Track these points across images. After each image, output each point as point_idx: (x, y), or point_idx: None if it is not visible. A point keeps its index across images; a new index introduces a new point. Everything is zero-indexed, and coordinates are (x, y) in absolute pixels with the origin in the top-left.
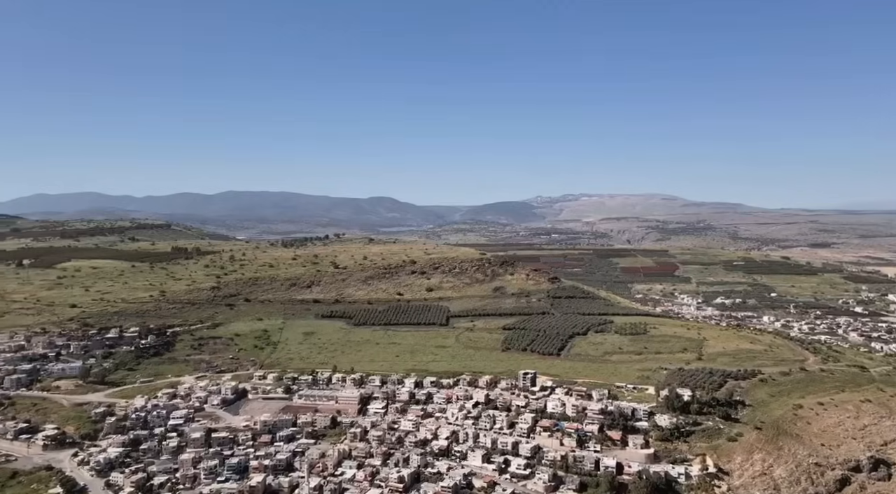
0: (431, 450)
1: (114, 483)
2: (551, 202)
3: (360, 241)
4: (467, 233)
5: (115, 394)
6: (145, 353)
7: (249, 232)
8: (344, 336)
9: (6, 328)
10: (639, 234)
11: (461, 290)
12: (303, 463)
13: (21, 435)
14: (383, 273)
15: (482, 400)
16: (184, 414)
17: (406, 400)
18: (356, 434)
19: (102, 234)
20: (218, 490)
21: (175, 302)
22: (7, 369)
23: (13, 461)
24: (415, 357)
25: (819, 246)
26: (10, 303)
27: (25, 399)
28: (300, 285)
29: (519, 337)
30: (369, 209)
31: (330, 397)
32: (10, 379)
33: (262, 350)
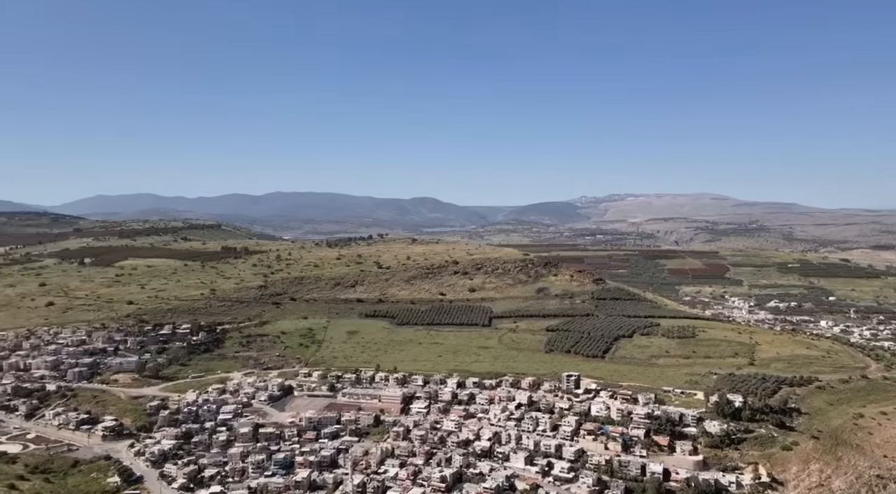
0: (474, 451)
1: (167, 474)
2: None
3: (403, 241)
4: (510, 234)
5: (168, 388)
6: (196, 349)
7: (295, 232)
8: (387, 335)
9: (70, 323)
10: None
11: (504, 291)
12: (346, 460)
13: (82, 426)
14: (426, 273)
15: (525, 402)
16: (232, 409)
17: (448, 401)
18: (399, 432)
19: (157, 234)
20: (265, 484)
21: (224, 300)
22: (70, 362)
23: (75, 450)
24: (457, 357)
25: (882, 247)
26: (73, 300)
27: (86, 391)
28: (344, 284)
29: (562, 339)
30: (412, 209)
31: (373, 396)
32: (73, 371)
33: (307, 348)
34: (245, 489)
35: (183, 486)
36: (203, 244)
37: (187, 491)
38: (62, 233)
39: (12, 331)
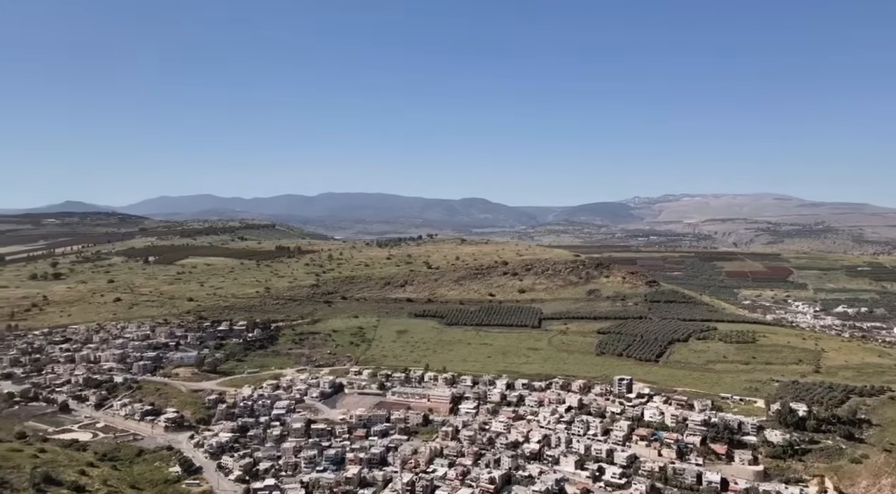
0: (522, 453)
1: (224, 466)
2: (650, 203)
3: (453, 242)
4: (561, 235)
5: (225, 383)
6: (252, 346)
7: (347, 232)
8: (436, 335)
9: (135, 318)
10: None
11: (554, 292)
12: (396, 459)
13: (146, 417)
14: (475, 273)
15: (575, 405)
16: (286, 405)
17: (497, 401)
18: (448, 432)
19: (215, 234)
20: (317, 479)
21: (278, 298)
22: (135, 356)
23: (140, 440)
24: (506, 358)
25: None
26: (139, 296)
27: (150, 383)
28: (394, 284)
29: (614, 342)
30: (461, 210)
31: (422, 395)
32: (138, 365)
33: (357, 346)
34: (298, 483)
35: (239, 478)
36: (258, 243)
37: (243, 483)
38: (129, 232)
39: (83, 325)
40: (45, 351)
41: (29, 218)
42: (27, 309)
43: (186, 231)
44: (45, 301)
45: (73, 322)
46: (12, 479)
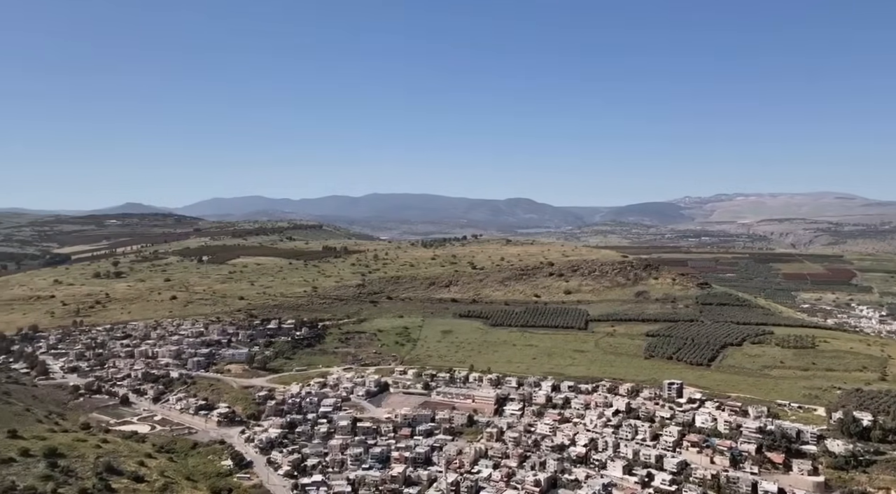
0: (569, 456)
1: (274, 461)
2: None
3: (498, 242)
4: (608, 235)
5: (274, 380)
6: (300, 344)
7: (392, 232)
8: (481, 336)
9: (190, 316)
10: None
11: (601, 294)
12: (440, 458)
13: (200, 411)
14: (520, 274)
15: (623, 409)
16: (332, 403)
17: (543, 403)
18: (492, 434)
19: (265, 234)
20: (363, 476)
21: (325, 298)
22: (190, 352)
23: (194, 433)
24: (552, 360)
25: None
26: (193, 294)
27: (204, 379)
28: (439, 284)
29: (663, 345)
30: (507, 210)
31: (467, 395)
32: (193, 360)
33: (402, 346)
34: (344, 480)
35: (288, 473)
36: (306, 243)
37: (291, 479)
38: (184, 232)
39: (142, 322)
40: (108, 347)
41: (93, 219)
42: (91, 306)
43: (238, 231)
44: (107, 298)
45: (132, 318)
46: (77, 468)
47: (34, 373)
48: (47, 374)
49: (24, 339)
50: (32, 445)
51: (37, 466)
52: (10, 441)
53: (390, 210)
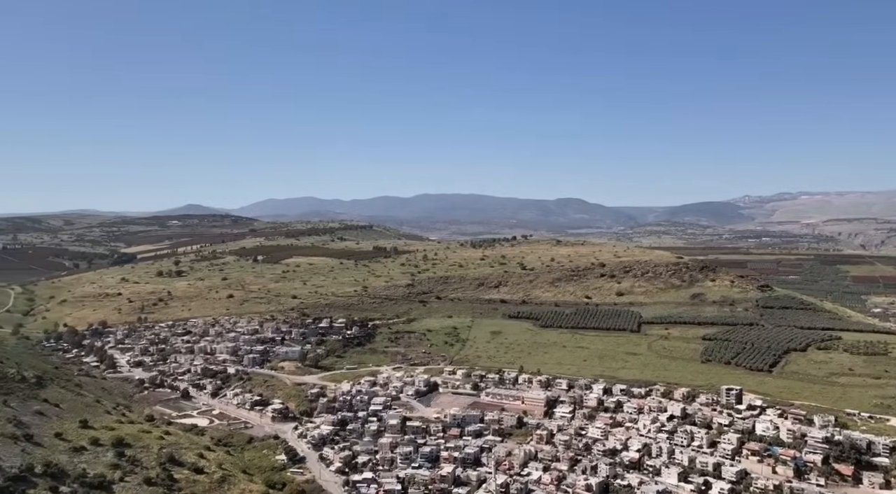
0: (621, 461)
1: (325, 457)
2: (761, 202)
3: (547, 243)
4: (662, 236)
5: (326, 378)
6: (350, 343)
7: (441, 232)
8: (530, 337)
9: (246, 313)
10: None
11: (654, 296)
12: (490, 459)
13: (255, 407)
14: (571, 275)
15: (678, 414)
16: (382, 402)
17: (594, 407)
18: (542, 436)
19: (317, 234)
20: (412, 475)
21: (375, 297)
22: (246, 349)
23: (250, 428)
24: (603, 362)
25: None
26: (248, 293)
27: (259, 375)
28: (488, 285)
29: (721, 349)
30: (557, 210)
31: (516, 397)
32: (248, 357)
33: (451, 346)
34: (394, 478)
35: (339, 469)
36: (356, 244)
37: (343, 475)
38: (240, 232)
39: (201, 319)
40: (170, 342)
41: (156, 220)
42: (154, 304)
43: (291, 231)
44: (169, 296)
45: (192, 316)
46: (142, 458)
47: (103, 367)
48: (115, 368)
49: (94, 334)
50: (102, 435)
51: (105, 455)
52: (82, 431)
53: (439, 210)
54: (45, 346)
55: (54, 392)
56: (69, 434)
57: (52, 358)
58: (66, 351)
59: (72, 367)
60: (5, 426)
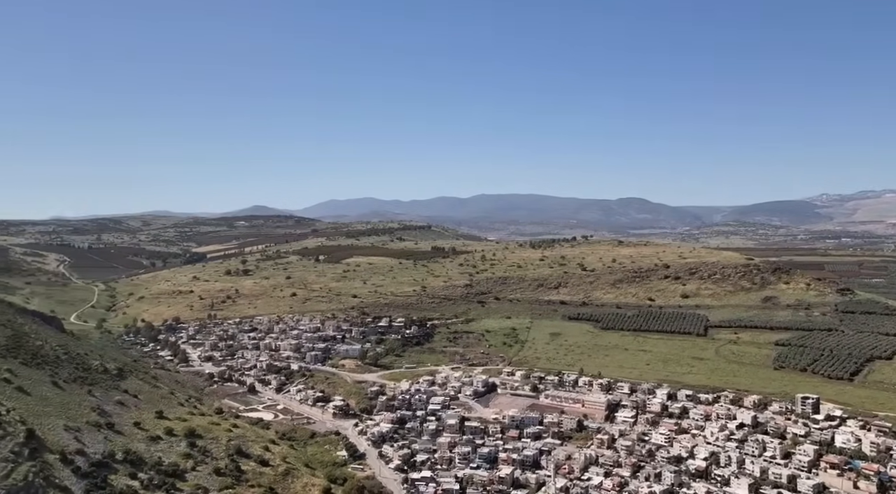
0: (687, 469)
1: (385, 455)
2: (841, 200)
3: (609, 243)
4: (730, 236)
5: (385, 376)
6: (409, 342)
7: (499, 233)
8: (591, 339)
9: (308, 312)
10: None
11: (722, 298)
12: (549, 462)
13: (317, 403)
14: (633, 276)
15: (748, 422)
16: (441, 401)
17: (657, 412)
18: (603, 440)
19: (376, 234)
20: (470, 475)
21: (434, 297)
22: (308, 346)
23: (312, 423)
24: (667, 367)
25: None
26: (311, 291)
27: (320, 372)
28: (547, 286)
29: (796, 355)
30: (619, 210)
31: (576, 400)
32: (311, 355)
33: (510, 347)
34: (452, 477)
35: (398, 467)
36: (415, 244)
37: (402, 473)
38: (303, 233)
39: (266, 316)
40: (237, 339)
41: (224, 220)
42: (223, 301)
43: (351, 232)
44: (236, 294)
45: (258, 313)
46: (212, 449)
47: (176, 361)
48: (187, 362)
49: (168, 329)
50: (175, 425)
51: (179, 445)
52: (158, 421)
53: (498, 210)
54: (125, 340)
55: (133, 383)
56: (146, 423)
57: (131, 351)
58: (143, 345)
59: (148, 360)
60: (90, 414)
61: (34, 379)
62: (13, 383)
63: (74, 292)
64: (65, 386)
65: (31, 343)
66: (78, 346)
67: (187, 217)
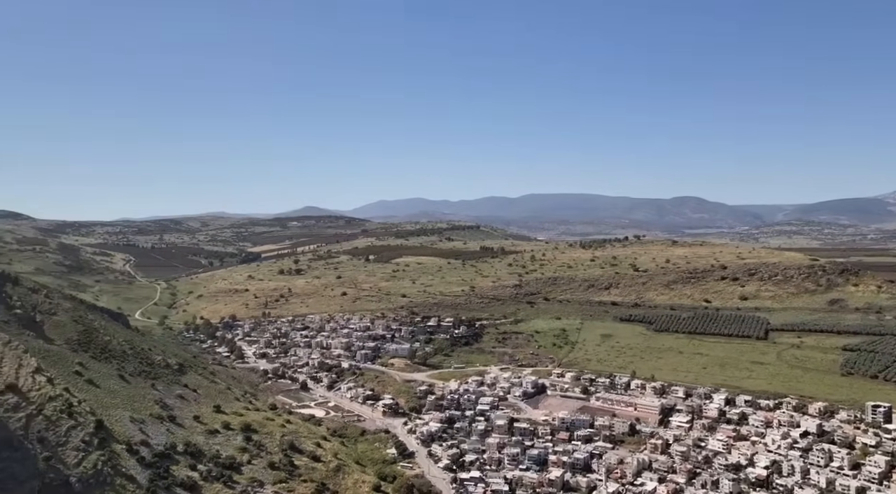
0: (746, 478)
1: (434, 454)
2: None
3: (662, 243)
4: (793, 236)
5: (433, 376)
6: (458, 342)
7: (549, 233)
8: (643, 341)
9: (358, 311)
10: None
11: (784, 301)
12: (600, 466)
13: (367, 401)
14: (688, 277)
15: (813, 431)
16: (489, 401)
17: (714, 418)
18: (657, 445)
19: (425, 234)
20: (520, 477)
21: (482, 298)
22: (358, 345)
23: (362, 421)
24: (724, 371)
25: None
26: (360, 291)
27: (370, 371)
28: (598, 286)
29: (866, 361)
30: (673, 210)
31: (628, 403)
32: (361, 353)
33: (559, 348)
34: (501, 478)
35: (447, 467)
36: (464, 244)
37: (450, 472)
38: (353, 233)
39: (318, 315)
40: (290, 336)
41: (278, 221)
42: (276, 300)
43: (400, 232)
44: (289, 292)
45: (310, 312)
46: (267, 443)
47: (233, 357)
48: (243, 358)
49: (225, 327)
50: (232, 419)
51: (235, 438)
52: (216, 415)
53: (547, 210)
54: (185, 336)
55: (193, 378)
56: (205, 417)
57: (190, 347)
58: (202, 342)
59: (207, 356)
60: (153, 407)
61: (103, 372)
62: (84, 376)
63: (139, 290)
64: (130, 380)
65: (100, 338)
66: (142, 342)
67: (243, 218)
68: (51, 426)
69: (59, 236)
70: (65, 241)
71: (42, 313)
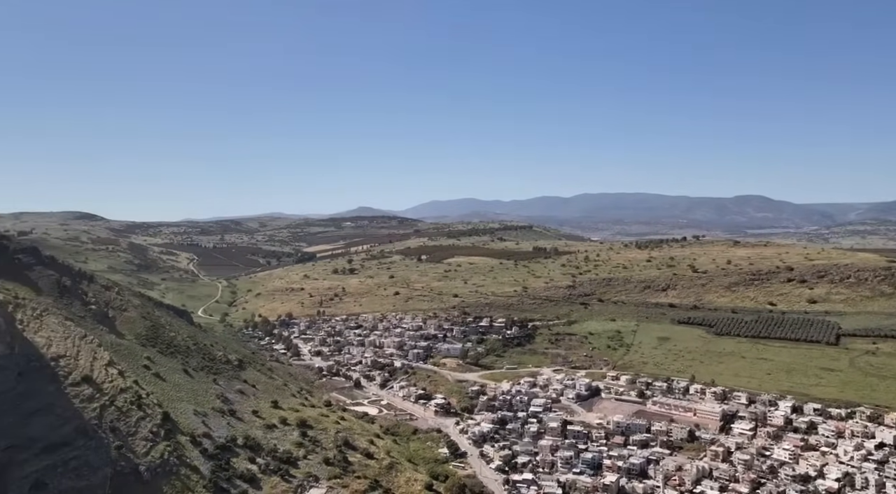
0: (815, 490)
1: (486, 454)
2: None
3: (723, 243)
4: (867, 236)
5: (485, 376)
6: (510, 343)
7: (603, 233)
8: (703, 344)
9: (410, 310)
10: None
11: (857, 304)
12: (657, 472)
13: (419, 400)
14: (751, 279)
15: (890, 442)
16: (542, 403)
17: (780, 426)
18: (717, 453)
19: (477, 235)
20: (573, 480)
21: (535, 298)
22: (410, 344)
23: (414, 420)
24: (791, 377)
25: None
26: (413, 291)
27: (422, 370)
28: (654, 288)
29: None
30: (735, 209)
31: (687, 408)
32: (413, 352)
33: (614, 350)
34: (554, 481)
35: (499, 468)
36: (516, 244)
37: (503, 473)
38: (405, 233)
39: (371, 314)
40: (344, 335)
41: (332, 221)
42: (331, 299)
43: (452, 232)
44: (343, 292)
45: (363, 311)
46: (322, 439)
47: (289, 354)
48: (299, 356)
49: (282, 325)
50: (288, 415)
51: (292, 434)
52: (273, 410)
53: (601, 210)
54: (244, 333)
55: (252, 374)
56: (263, 412)
57: (249, 344)
58: (260, 339)
59: (265, 353)
60: (215, 401)
61: (168, 366)
62: (151, 369)
63: (201, 288)
64: (194, 374)
65: (166, 334)
66: (205, 338)
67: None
68: (122, 416)
69: (129, 236)
70: (134, 241)
71: (114, 309)
